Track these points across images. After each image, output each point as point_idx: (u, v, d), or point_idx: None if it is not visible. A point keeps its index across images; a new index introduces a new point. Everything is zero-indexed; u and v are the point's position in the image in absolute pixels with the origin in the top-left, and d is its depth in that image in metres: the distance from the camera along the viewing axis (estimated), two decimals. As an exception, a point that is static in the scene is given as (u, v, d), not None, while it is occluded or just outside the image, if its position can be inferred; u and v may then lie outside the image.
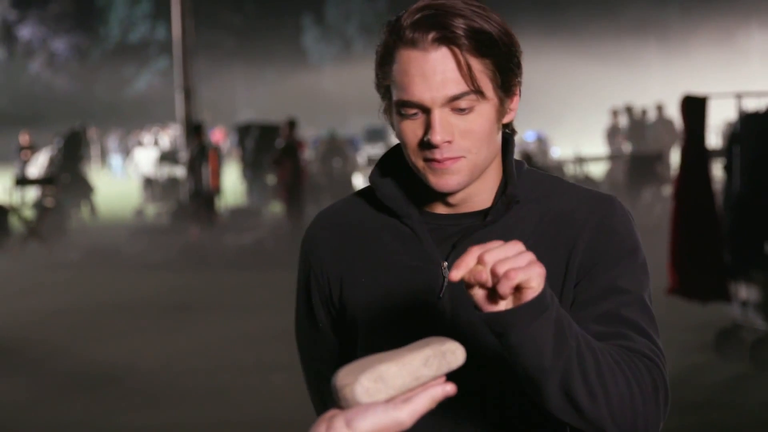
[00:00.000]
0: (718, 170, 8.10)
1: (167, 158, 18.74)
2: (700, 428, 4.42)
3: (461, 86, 1.19)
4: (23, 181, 13.79)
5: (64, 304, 8.19)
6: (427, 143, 1.21)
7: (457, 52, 1.19)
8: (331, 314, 1.39)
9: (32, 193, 14.28)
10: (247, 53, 47.84)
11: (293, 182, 12.49)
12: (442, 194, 1.27)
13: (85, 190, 14.97)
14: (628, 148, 15.82)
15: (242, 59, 47.87)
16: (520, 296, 1.04)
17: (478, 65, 1.20)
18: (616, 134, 16.23)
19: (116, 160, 28.63)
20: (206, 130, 15.37)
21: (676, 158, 9.33)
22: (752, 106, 5.87)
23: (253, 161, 15.11)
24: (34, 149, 17.80)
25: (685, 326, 6.25)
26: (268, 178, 14.71)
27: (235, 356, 6.11)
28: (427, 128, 1.21)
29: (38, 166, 15.25)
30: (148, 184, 16.47)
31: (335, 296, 1.36)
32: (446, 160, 1.22)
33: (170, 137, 27.21)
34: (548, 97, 38.52)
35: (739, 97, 5.87)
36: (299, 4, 49.33)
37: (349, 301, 1.34)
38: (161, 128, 30.03)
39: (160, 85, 44.71)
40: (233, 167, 20.60)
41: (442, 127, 1.20)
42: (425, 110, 1.21)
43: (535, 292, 1.04)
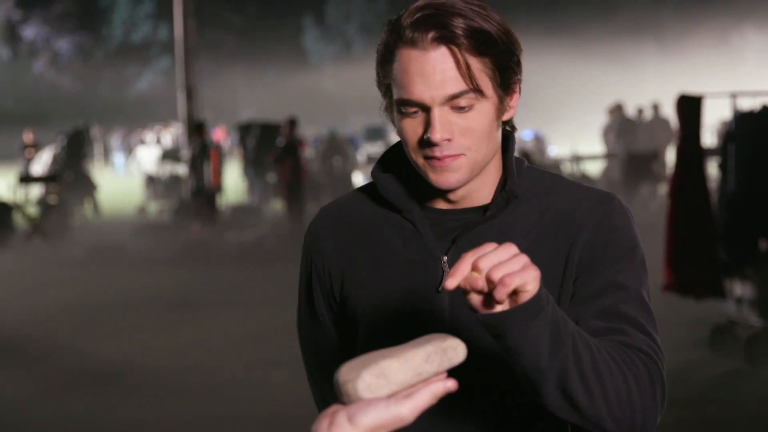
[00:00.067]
0: (713, 169, 8.07)
1: (169, 156, 18.75)
2: (695, 423, 4.44)
3: (460, 85, 1.20)
4: (27, 178, 13.79)
5: (68, 300, 8.19)
6: (427, 141, 1.22)
7: (456, 51, 1.19)
8: (332, 308, 1.40)
9: (36, 190, 14.27)
10: (248, 53, 47.83)
11: (294, 180, 12.51)
12: (442, 191, 1.27)
13: (88, 187, 14.94)
14: (617, 146, 15.91)
15: (244, 59, 47.85)
16: (516, 298, 1.05)
17: (477, 64, 1.20)
18: (609, 132, 16.27)
19: (119, 158, 28.58)
20: (208, 128, 15.38)
21: (671, 157, 9.35)
22: (747, 105, 5.86)
23: (254, 160, 15.06)
24: (37, 147, 17.85)
25: (680, 322, 6.25)
26: (269, 176, 14.68)
27: (237, 352, 6.12)
28: (427, 126, 1.22)
29: (42, 164, 15.26)
30: (150, 182, 16.44)
31: (336, 290, 1.37)
32: (446, 157, 1.22)
33: (172, 136, 27.20)
34: (546, 96, 38.46)
35: (733, 96, 5.89)
36: (300, 4, 49.31)
37: (350, 294, 1.35)
38: (163, 127, 30.03)
39: (162, 84, 44.72)
40: (234, 165, 20.57)
41: (441, 125, 1.21)
42: (425, 109, 1.22)
43: (530, 294, 1.04)
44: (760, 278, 5.47)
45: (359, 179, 15.83)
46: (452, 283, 1.02)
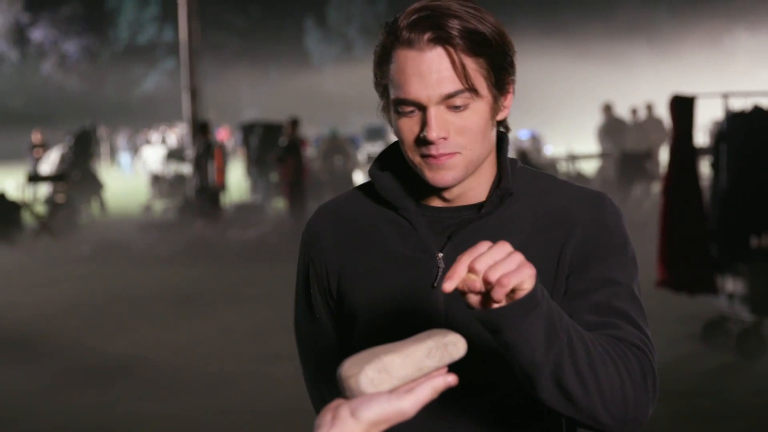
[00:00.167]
0: (705, 167, 8.10)
1: (174, 156, 18.87)
2: (687, 415, 4.49)
3: (456, 84, 1.21)
4: (35, 177, 13.88)
5: (75, 297, 8.22)
6: (423, 140, 1.23)
7: (451, 51, 1.21)
8: (329, 305, 1.41)
9: (44, 189, 14.34)
10: (251, 54, 47.90)
11: (296, 179, 12.58)
12: (438, 189, 1.29)
13: (95, 186, 15.00)
14: (607, 145, 16.02)
15: (247, 60, 47.93)
16: (512, 295, 1.06)
17: (472, 64, 1.22)
18: (610, 131, 16.37)
19: (125, 157, 28.58)
20: (212, 128, 15.47)
21: (665, 156, 9.39)
22: (738, 105, 5.88)
23: (257, 159, 15.08)
24: (45, 147, 18.00)
25: (673, 318, 6.31)
26: (271, 175, 14.70)
27: (241, 347, 6.15)
28: (423, 125, 1.23)
29: (50, 163, 15.33)
30: (155, 180, 16.42)
31: (333, 287, 1.38)
32: (442, 155, 1.24)
33: (177, 135, 27.32)
34: (543, 96, 38.46)
35: (725, 97, 5.92)
36: (302, 6, 49.36)
37: (347, 291, 1.36)
38: (168, 127, 30.12)
39: (167, 85, 44.84)
40: (238, 165, 20.64)
41: (437, 124, 1.22)
42: (421, 108, 1.23)
43: (526, 291, 1.05)
44: (751, 274, 5.50)
45: (360, 178, 15.86)
46: (450, 285, 1.02)
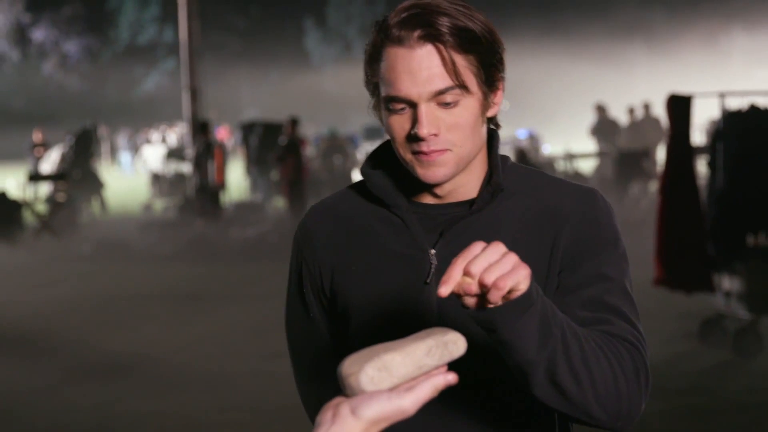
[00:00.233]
0: (702, 166, 8.16)
1: (174, 155, 18.91)
2: (684, 412, 4.51)
3: (446, 81, 1.22)
4: (36, 176, 13.92)
5: (76, 295, 8.25)
6: (414, 136, 1.24)
7: (441, 48, 1.21)
8: (322, 304, 1.40)
9: (45, 188, 14.38)
10: (251, 55, 47.96)
11: (295, 178, 12.60)
12: (429, 185, 1.29)
13: (95, 185, 15.04)
14: (599, 145, 16.10)
15: (247, 60, 47.98)
16: (507, 296, 1.06)
17: (462, 61, 1.22)
18: (602, 131, 16.47)
19: (125, 157, 28.60)
20: (212, 128, 15.48)
21: (662, 155, 9.43)
22: (735, 105, 5.90)
23: (257, 158, 15.12)
24: (46, 146, 18.04)
25: (670, 316, 6.34)
26: (271, 174, 14.75)
27: (241, 345, 6.17)
28: (414, 122, 1.24)
29: (51, 162, 15.38)
30: (155, 179, 16.43)
31: (327, 285, 1.37)
32: (433, 152, 1.24)
33: (177, 135, 27.38)
34: (541, 95, 38.53)
35: (722, 96, 5.93)
36: (301, 7, 49.40)
37: (339, 288, 1.35)
38: (168, 126, 30.18)
39: (167, 85, 44.88)
40: (237, 164, 20.68)
41: (428, 120, 1.22)
42: (412, 105, 1.23)
43: (522, 292, 1.06)
44: (747, 273, 5.52)
45: (359, 177, 15.97)
46: (446, 290, 1.02)
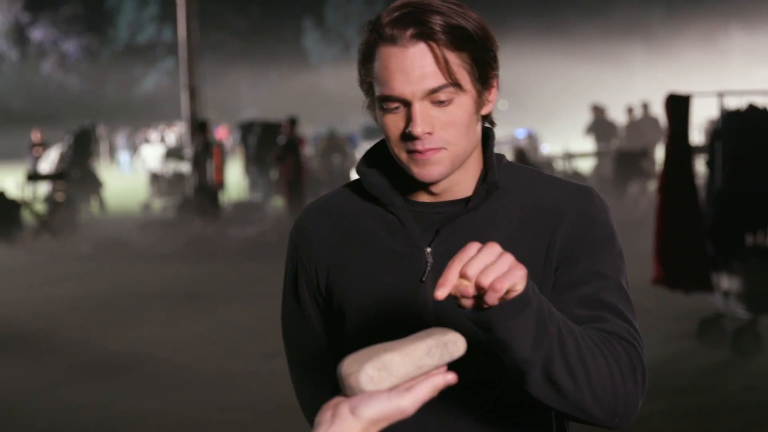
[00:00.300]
0: (701, 166, 8.08)
1: (173, 154, 18.92)
2: (683, 412, 4.53)
3: (439, 79, 1.22)
4: (35, 176, 13.93)
5: (75, 294, 8.26)
6: (409, 135, 1.24)
7: (434, 46, 1.21)
8: (318, 303, 1.40)
9: (43, 188, 14.36)
10: (251, 54, 47.99)
11: (294, 178, 12.62)
12: (425, 184, 1.29)
13: (94, 185, 15.07)
14: (596, 145, 16.12)
15: (246, 60, 48.02)
16: (504, 296, 1.06)
17: (455, 59, 1.22)
18: (597, 131, 16.51)
19: (124, 156, 28.61)
20: (211, 127, 15.52)
21: (661, 154, 9.45)
22: (733, 104, 5.93)
23: (255, 158, 15.14)
24: (45, 146, 18.06)
25: (669, 315, 6.35)
26: (270, 173, 14.77)
27: (241, 344, 6.18)
28: (408, 121, 1.23)
29: (49, 162, 15.37)
30: (154, 179, 16.44)
31: (323, 284, 1.37)
32: (428, 150, 1.24)
33: (176, 134, 27.41)
34: (540, 95, 38.58)
35: (720, 95, 5.95)
36: (300, 7, 49.47)
37: (336, 287, 1.35)
38: (167, 126, 30.21)
39: (166, 84, 44.91)
40: (236, 163, 20.69)
41: (422, 119, 1.22)
42: (406, 104, 1.23)
43: (518, 292, 1.06)
44: (746, 272, 5.54)
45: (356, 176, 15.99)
46: (443, 293, 1.02)
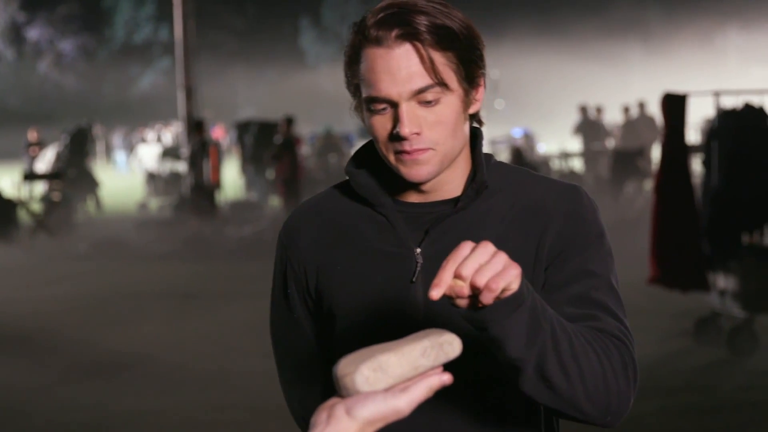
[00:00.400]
0: (697, 165, 8.09)
1: (169, 154, 18.86)
2: (679, 410, 4.54)
3: (426, 79, 1.22)
4: (31, 176, 13.91)
5: (73, 294, 8.25)
6: (396, 136, 1.24)
7: (419, 47, 1.21)
8: (307, 305, 1.40)
9: (40, 187, 14.33)
10: (247, 54, 47.99)
11: (291, 177, 12.63)
12: (414, 184, 1.29)
13: (90, 184, 15.08)
14: (584, 145, 16.16)
15: (243, 59, 48.02)
16: (499, 295, 1.06)
17: (440, 58, 1.22)
18: (585, 131, 16.57)
19: (120, 156, 28.62)
20: (207, 126, 15.52)
21: (657, 154, 9.48)
22: (730, 103, 5.96)
23: (252, 157, 15.15)
24: (41, 145, 18.04)
25: (665, 314, 6.37)
26: (267, 172, 14.77)
27: (238, 343, 6.17)
28: (396, 122, 1.24)
29: (46, 161, 15.38)
30: (151, 178, 16.46)
31: (312, 285, 1.37)
32: (415, 151, 1.24)
33: (172, 134, 27.39)
34: (536, 94, 38.63)
35: (717, 95, 5.97)
36: (297, 6, 49.51)
37: (325, 288, 1.35)
38: (164, 125, 30.20)
39: (163, 84, 44.84)
40: (233, 163, 20.72)
41: (409, 119, 1.23)
42: (393, 105, 1.24)
43: (513, 291, 1.06)
44: (742, 271, 5.54)
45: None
46: (437, 293, 1.02)
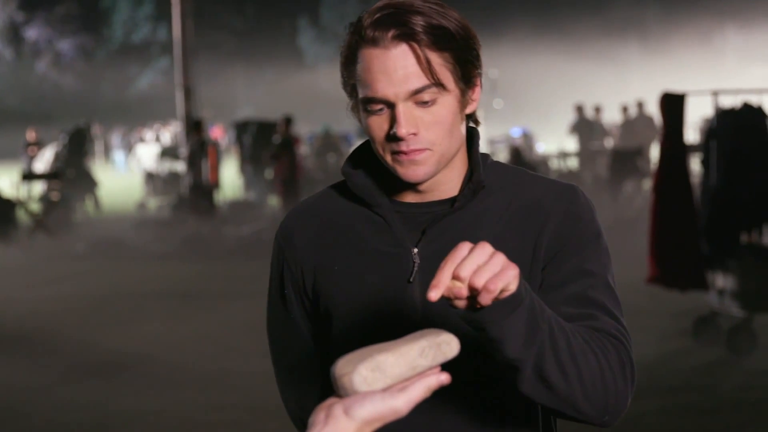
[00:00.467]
0: (695, 164, 8.15)
1: (168, 154, 18.89)
2: (678, 410, 4.55)
3: (422, 80, 1.22)
4: (30, 175, 13.93)
5: (71, 293, 8.26)
6: (393, 136, 1.24)
7: (416, 47, 1.22)
8: (304, 305, 1.40)
9: (38, 187, 14.36)
10: (246, 53, 47.99)
11: (290, 176, 12.65)
12: (410, 184, 1.29)
13: (89, 184, 15.09)
14: (579, 144, 16.18)
15: (242, 59, 48.02)
16: (497, 295, 1.06)
17: (437, 59, 1.22)
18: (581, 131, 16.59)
19: (119, 155, 28.67)
20: (206, 126, 15.52)
21: (655, 153, 9.48)
22: (728, 103, 5.96)
23: (251, 157, 15.16)
24: (40, 145, 18.05)
25: (664, 313, 6.38)
26: (266, 172, 14.77)
27: (238, 343, 6.17)
28: (392, 122, 1.24)
29: (44, 161, 15.41)
30: (149, 178, 16.47)
31: (309, 286, 1.37)
32: (412, 151, 1.24)
33: (171, 134, 27.38)
34: (535, 94, 38.64)
35: (715, 94, 5.98)
36: (296, 6, 49.53)
37: (322, 289, 1.35)
38: (162, 125, 30.20)
39: (161, 83, 44.80)
40: (231, 162, 20.72)
41: (406, 120, 1.23)
42: (390, 105, 1.24)
43: (511, 292, 1.07)
44: (741, 270, 5.55)
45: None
46: (436, 294, 1.02)
